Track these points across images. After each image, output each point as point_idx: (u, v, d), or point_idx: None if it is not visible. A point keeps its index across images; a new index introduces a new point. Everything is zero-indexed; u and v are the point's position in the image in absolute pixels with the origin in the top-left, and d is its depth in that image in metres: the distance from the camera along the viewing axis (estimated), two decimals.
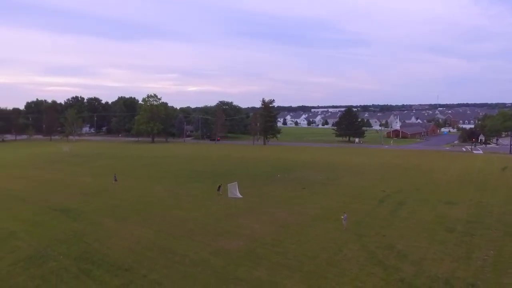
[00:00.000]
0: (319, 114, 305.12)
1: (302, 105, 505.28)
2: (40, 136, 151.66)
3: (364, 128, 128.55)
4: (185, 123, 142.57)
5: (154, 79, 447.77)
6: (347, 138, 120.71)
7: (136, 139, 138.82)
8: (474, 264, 23.35)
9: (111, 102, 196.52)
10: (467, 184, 46.73)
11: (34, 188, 51.16)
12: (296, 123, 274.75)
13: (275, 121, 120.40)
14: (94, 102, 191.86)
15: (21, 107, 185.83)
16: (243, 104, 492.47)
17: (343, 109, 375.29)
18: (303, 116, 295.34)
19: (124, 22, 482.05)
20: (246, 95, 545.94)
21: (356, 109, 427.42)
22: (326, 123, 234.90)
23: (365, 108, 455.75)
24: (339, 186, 47.76)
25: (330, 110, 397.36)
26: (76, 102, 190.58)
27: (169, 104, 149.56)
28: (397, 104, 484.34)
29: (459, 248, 25.92)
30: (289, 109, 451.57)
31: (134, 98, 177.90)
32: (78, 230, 32.49)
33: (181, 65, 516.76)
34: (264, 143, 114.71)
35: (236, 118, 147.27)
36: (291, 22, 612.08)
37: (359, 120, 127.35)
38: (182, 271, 23.69)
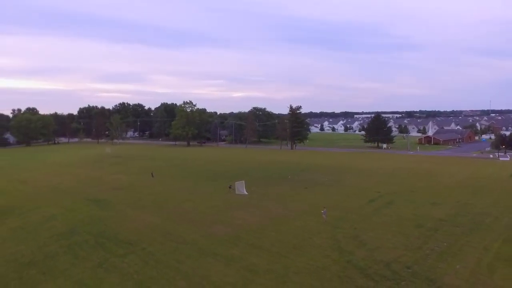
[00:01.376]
0: (358, 120, 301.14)
1: (345, 111, 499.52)
2: (89, 139, 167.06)
3: (394, 134, 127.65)
4: (219, 128, 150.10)
5: (201, 85, 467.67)
6: (376, 144, 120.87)
7: (173, 143, 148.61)
8: (421, 253, 26.29)
9: (154, 108, 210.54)
10: (464, 188, 47.71)
11: (76, 183, 59.78)
12: (334, 129, 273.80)
13: (302, 127, 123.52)
14: (138, 108, 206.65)
15: (76, 112, 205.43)
16: (287, 110, 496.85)
17: (389, 115, 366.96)
18: (341, 122, 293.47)
19: (173, 31, 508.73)
20: (291, 101, 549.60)
21: (400, 115, 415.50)
22: (363, 129, 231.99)
23: (410, 114, 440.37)
24: (339, 187, 50.90)
25: (373, 116, 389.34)
26: (122, 108, 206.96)
27: (214, 110, 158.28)
28: (446, 110, 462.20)
29: (417, 240, 28.78)
30: (332, 115, 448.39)
31: (176, 104, 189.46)
32: (102, 215, 39.29)
33: (227, 71, 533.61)
34: (292, 148, 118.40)
35: (268, 124, 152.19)
36: (337, 27, 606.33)
37: (388, 126, 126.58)
38: (173, 247, 29.13)
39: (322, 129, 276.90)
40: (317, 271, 23.79)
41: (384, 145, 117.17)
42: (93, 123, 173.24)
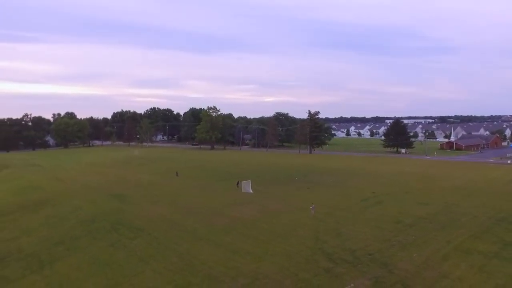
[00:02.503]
0: (384, 125, 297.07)
1: (376, 116, 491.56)
2: (121, 142, 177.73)
3: (413, 139, 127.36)
4: (241, 132, 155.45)
5: (233, 90, 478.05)
6: (396, 149, 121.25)
7: (199, 146, 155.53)
8: (388, 243, 29.41)
9: (184, 113, 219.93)
10: (459, 190, 49.22)
11: (103, 181, 66.59)
12: (359, 134, 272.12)
13: (320, 132, 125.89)
14: (167, 113, 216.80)
15: (110, 116, 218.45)
16: (320, 115, 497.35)
17: (421, 120, 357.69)
18: (368, 127, 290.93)
19: (206, 37, 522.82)
20: (323, 106, 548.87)
21: (433, 119, 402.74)
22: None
23: (443, 119, 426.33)
24: (339, 188, 53.95)
25: (405, 121, 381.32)
26: (153, 113, 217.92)
27: (247, 115, 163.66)
28: (483, 115, 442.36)
29: (389, 234, 31.83)
30: (362, 120, 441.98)
31: (202, 109, 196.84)
32: (120, 207, 45.04)
33: (259, 76, 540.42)
34: (310, 152, 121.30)
35: (291, 128, 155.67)
36: (371, 31, 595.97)
37: (408, 131, 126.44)
38: (175, 233, 34.02)
39: (348, 134, 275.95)
40: (290, 254, 27.65)
41: (403, 150, 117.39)
42: (125, 127, 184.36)
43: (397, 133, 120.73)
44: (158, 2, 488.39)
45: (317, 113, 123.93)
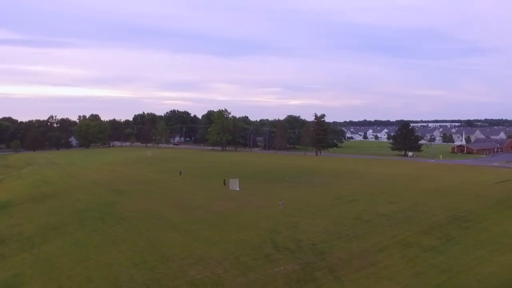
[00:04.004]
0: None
1: (401, 119, 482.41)
2: (139, 144, 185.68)
3: (421, 142, 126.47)
4: (252, 134, 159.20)
5: (258, 93, 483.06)
6: (404, 152, 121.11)
7: (211, 148, 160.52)
8: (335, 236, 31.99)
9: (202, 116, 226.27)
10: (438, 191, 50.19)
11: (111, 178, 72.03)
12: (376, 137, 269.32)
13: (326, 134, 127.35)
14: (183, 115, 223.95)
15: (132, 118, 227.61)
16: (342, 118, 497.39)
17: (447, 124, 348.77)
18: (385, 130, 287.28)
19: (232, 40, 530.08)
20: (347, 109, 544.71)
21: (460, 123, 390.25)
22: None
23: (470, 123, 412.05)
24: (322, 187, 56.35)
25: (430, 125, 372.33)
26: (173, 115, 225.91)
27: (268, 117, 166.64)
28: None
29: (342, 228, 34.35)
30: (386, 123, 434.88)
31: (226, 110, 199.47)
32: (115, 200, 49.69)
33: (284, 79, 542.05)
34: (317, 154, 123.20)
35: (300, 131, 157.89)
36: (397, 33, 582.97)
37: (420, 135, 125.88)
38: (153, 222, 38.08)
39: (365, 137, 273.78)
40: (241, 242, 30.89)
41: (410, 153, 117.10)
42: (144, 128, 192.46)
43: (405, 136, 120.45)
44: (186, 8, 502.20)
45: (323, 116, 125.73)
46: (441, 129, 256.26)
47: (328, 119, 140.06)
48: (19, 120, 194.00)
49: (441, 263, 26.37)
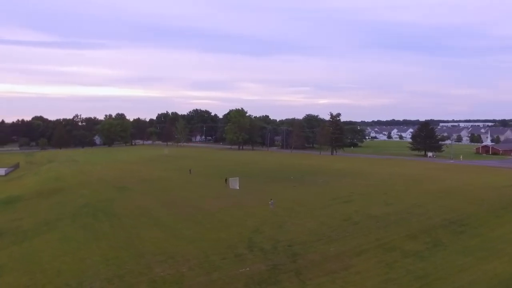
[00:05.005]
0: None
1: (431, 119, 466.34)
2: (160, 142, 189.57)
3: (443, 143, 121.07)
4: (269, 134, 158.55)
5: (287, 93, 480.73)
6: (424, 152, 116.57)
7: (229, 147, 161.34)
8: (317, 237, 31.04)
9: (223, 115, 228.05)
10: (438, 193, 47.49)
11: (118, 175, 73.80)
12: (401, 137, 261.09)
13: (342, 133, 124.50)
14: (204, 114, 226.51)
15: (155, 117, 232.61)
16: (371, 117, 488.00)
17: (479, 124, 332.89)
18: (410, 130, 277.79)
19: (261, 40, 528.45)
20: (376, 108, 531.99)
21: (494, 123, 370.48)
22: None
23: (504, 122, 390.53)
24: (323, 187, 55.00)
25: (462, 124, 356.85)
26: (195, 114, 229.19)
27: (296, 117, 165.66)
28: None
29: (327, 229, 33.29)
30: (415, 123, 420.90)
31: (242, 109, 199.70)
32: (114, 197, 50.79)
33: (314, 78, 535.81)
34: (332, 154, 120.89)
35: (315, 130, 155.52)
36: (429, 31, 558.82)
37: (443, 135, 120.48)
38: (140, 219, 38.58)
39: (389, 136, 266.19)
40: (219, 240, 30.62)
41: (430, 153, 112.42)
42: (165, 127, 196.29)
43: (425, 136, 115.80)
44: (214, 8, 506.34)
45: (339, 115, 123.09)
46: (470, 129, 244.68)
47: (356, 118, 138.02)
48: (49, 119, 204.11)
49: (419, 269, 24.95)
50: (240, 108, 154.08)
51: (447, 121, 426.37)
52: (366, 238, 30.73)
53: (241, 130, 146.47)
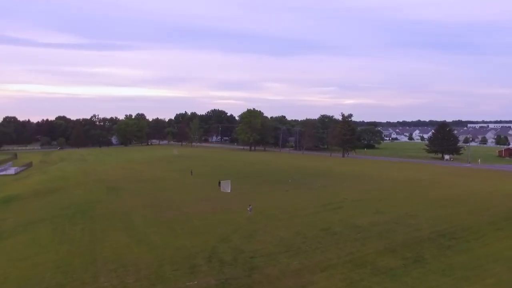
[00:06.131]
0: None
1: (459, 120, 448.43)
2: (174, 142, 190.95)
3: (460, 145, 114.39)
4: (281, 134, 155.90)
5: (311, 93, 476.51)
6: (441, 155, 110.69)
7: (242, 147, 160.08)
8: (285, 249, 28.72)
9: (238, 115, 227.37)
10: (437, 201, 43.67)
11: (119, 175, 73.97)
12: (422, 138, 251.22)
13: (353, 135, 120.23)
14: (221, 115, 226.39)
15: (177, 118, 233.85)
16: (396, 117, 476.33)
17: (510, 125, 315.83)
18: (432, 131, 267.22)
19: (286, 40, 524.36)
20: (404, 108, 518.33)
21: None
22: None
23: None
24: (318, 191, 52.32)
25: (491, 125, 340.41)
26: (213, 114, 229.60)
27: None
28: None
29: (300, 239, 30.90)
30: (445, 124, 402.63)
31: (257, 110, 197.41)
32: (103, 198, 50.53)
33: (339, 78, 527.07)
34: (343, 156, 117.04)
35: (328, 132, 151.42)
36: (460, 29, 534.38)
37: (456, 136, 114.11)
38: (116, 223, 37.69)
39: (411, 138, 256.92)
40: (181, 249, 28.97)
41: (447, 156, 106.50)
42: (180, 127, 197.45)
43: (442, 138, 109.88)
44: (238, 8, 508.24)
45: (350, 115, 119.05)
46: (498, 130, 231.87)
47: (381, 119, 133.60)
48: (71, 119, 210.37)
49: None
50: (252, 108, 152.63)
51: (476, 122, 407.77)
52: (338, 251, 28.16)
53: (252, 130, 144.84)
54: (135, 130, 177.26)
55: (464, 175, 66.36)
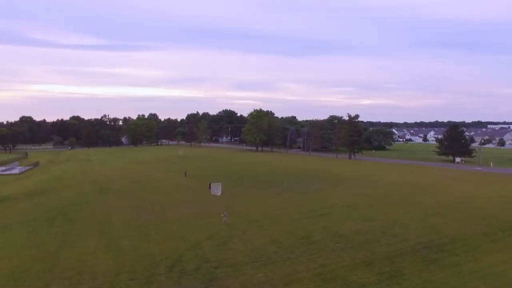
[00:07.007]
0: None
1: (478, 121, 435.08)
2: (183, 142, 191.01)
3: (473, 147, 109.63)
4: (289, 135, 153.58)
5: (329, 93, 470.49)
6: (452, 157, 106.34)
7: (250, 148, 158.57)
8: (254, 259, 27.11)
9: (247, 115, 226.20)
10: (431, 208, 40.82)
11: (116, 176, 73.59)
12: (437, 140, 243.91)
13: (360, 136, 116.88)
14: (230, 115, 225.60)
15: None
16: (414, 118, 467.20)
17: None
18: None
19: (303, 40, 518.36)
20: (422, 109, 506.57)
21: None
22: (471, 141, 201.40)
23: None
24: (311, 195, 50.24)
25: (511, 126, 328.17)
26: (224, 115, 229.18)
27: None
28: None
29: (274, 249, 29.18)
30: (460, 125, 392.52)
31: (269, 111, 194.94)
32: (91, 200, 49.97)
33: (357, 78, 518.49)
34: (350, 158, 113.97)
35: (334, 132, 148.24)
36: (478, 27, 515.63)
37: (467, 138, 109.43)
38: (93, 227, 36.82)
39: (425, 139, 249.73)
40: (148, 256, 27.82)
41: (458, 159, 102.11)
42: (189, 128, 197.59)
43: (452, 139, 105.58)
44: (256, 9, 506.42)
45: (357, 116, 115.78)
46: (509, 133, 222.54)
47: (398, 119, 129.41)
48: (85, 119, 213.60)
49: None
50: (259, 109, 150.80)
51: (497, 123, 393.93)
52: (309, 263, 26.28)
53: (259, 131, 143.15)
54: (145, 130, 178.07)
55: (468, 180, 62.89)
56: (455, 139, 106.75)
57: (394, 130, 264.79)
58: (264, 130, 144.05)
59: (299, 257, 27.33)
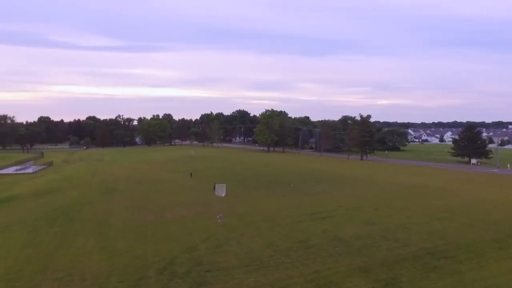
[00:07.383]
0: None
1: (499, 121, 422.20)
2: (196, 142, 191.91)
3: (490, 148, 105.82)
4: (301, 135, 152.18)
5: (345, 93, 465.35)
6: (468, 159, 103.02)
7: (262, 148, 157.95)
8: (247, 263, 26.49)
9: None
10: (439, 213, 39.24)
11: (123, 176, 74.23)
12: (455, 141, 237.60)
13: (372, 136, 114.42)
14: (244, 115, 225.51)
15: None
16: (432, 118, 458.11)
17: None
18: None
19: (320, 40, 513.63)
20: (440, 109, 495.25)
21: None
22: (490, 141, 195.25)
23: None
24: (315, 197, 49.28)
25: None
26: (239, 115, 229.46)
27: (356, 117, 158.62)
28: None
29: (269, 252, 28.52)
30: (480, 125, 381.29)
31: (282, 111, 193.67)
32: (95, 200, 50.36)
33: (374, 78, 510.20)
34: (361, 158, 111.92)
35: (346, 133, 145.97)
36: (502, 26, 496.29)
37: (485, 139, 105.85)
38: (92, 227, 36.98)
39: (442, 140, 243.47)
40: (141, 258, 27.53)
41: (473, 161, 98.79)
42: (201, 128, 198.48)
43: (468, 140, 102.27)
44: (273, 10, 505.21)
45: (369, 116, 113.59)
46: None
47: (416, 119, 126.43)
48: (101, 119, 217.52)
49: None
50: (270, 109, 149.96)
51: None
52: (303, 268, 25.48)
53: (270, 131, 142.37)
54: (158, 130, 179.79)
55: (482, 182, 60.55)
56: (471, 139, 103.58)
57: (410, 130, 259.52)
58: (276, 131, 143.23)
59: (294, 262, 26.56)
